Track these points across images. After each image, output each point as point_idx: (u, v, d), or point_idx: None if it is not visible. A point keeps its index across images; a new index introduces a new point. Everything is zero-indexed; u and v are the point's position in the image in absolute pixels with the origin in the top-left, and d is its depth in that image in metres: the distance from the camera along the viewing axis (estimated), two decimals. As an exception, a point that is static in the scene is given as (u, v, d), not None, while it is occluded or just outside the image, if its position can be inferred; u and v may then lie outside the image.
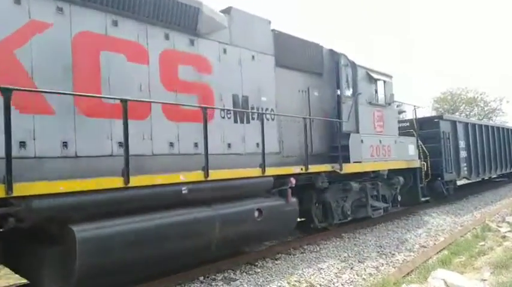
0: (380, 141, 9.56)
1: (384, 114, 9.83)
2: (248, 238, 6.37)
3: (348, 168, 8.38)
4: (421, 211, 12.03)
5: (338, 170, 8.10)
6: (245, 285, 5.72)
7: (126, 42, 5.43)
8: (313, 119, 8.48)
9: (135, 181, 4.72)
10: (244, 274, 6.21)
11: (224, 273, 6.19)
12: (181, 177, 5.23)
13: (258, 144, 7.23)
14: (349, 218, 8.98)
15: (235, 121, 6.93)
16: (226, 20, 6.81)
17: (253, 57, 7.35)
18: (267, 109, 7.53)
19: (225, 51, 6.82)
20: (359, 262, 6.93)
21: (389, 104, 10.04)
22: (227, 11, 6.96)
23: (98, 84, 5.06)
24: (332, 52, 9.13)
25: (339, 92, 9.03)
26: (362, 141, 8.93)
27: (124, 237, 4.58)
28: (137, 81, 5.50)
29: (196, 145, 6.21)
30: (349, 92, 8.92)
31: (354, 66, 8.98)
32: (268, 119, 7.54)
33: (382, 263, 6.86)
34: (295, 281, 5.88)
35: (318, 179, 7.86)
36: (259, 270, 6.38)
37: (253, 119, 7.26)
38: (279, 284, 5.77)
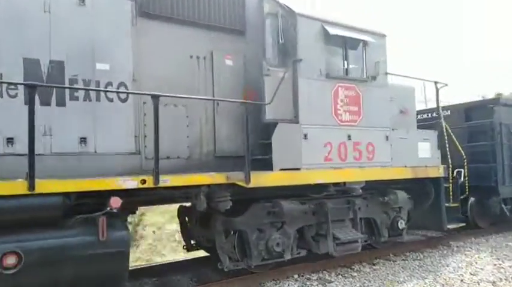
0: (349, 136, 5.99)
1: (362, 94, 6.19)
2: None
3: (264, 179, 5.13)
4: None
5: (242, 183, 4.93)
6: (340, 288, 5.51)
7: None
8: (219, 101, 5.41)
9: None
10: (340, 276, 6.04)
11: (319, 274, 6.10)
12: None
13: (84, 139, 4.52)
14: (287, 258, 5.69)
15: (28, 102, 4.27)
16: None
17: (80, -1, 4.61)
18: (109, 84, 4.72)
19: (5, -13, 4.22)
20: (471, 274, 6.15)
21: (375, 78, 6.34)
22: None
23: None
24: (263, -2, 5.85)
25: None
26: (305, 136, 5.54)
27: None
28: None
29: None
30: (279, 58, 5.58)
31: (291, 15, 5.60)
32: (111, 100, 4.74)
33: (500, 278, 5.97)
34: (396, 289, 5.56)
35: (198, 197, 4.81)
36: (355, 274, 6.13)
37: (76, 98, 4.54)
38: (377, 291, 5.48)
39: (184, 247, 6.77)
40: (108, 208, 4.04)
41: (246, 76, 5.74)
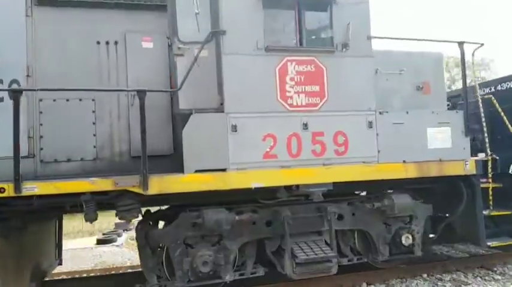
0: (305, 125, 4.57)
1: (326, 68, 4.69)
2: None
3: (172, 184, 4.16)
4: None
5: (137, 190, 4.06)
6: (480, 292, 5.10)
7: None
8: (133, 93, 4.61)
9: None
10: (479, 278, 5.54)
11: (453, 274, 5.71)
12: None
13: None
14: (226, 279, 4.61)
15: None
16: None
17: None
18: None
19: None
20: None
21: (346, 45, 4.74)
22: None
23: None
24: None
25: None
26: (234, 128, 4.37)
27: None
28: None
29: None
30: (194, 33, 4.48)
31: (209, -23, 4.47)
32: (1, 99, 4.34)
33: None
34: (554, 297, 4.97)
35: (86, 206, 4.09)
36: (498, 277, 5.57)
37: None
38: (528, 298, 5.01)
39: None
40: (-40, 220, 3.64)
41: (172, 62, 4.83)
